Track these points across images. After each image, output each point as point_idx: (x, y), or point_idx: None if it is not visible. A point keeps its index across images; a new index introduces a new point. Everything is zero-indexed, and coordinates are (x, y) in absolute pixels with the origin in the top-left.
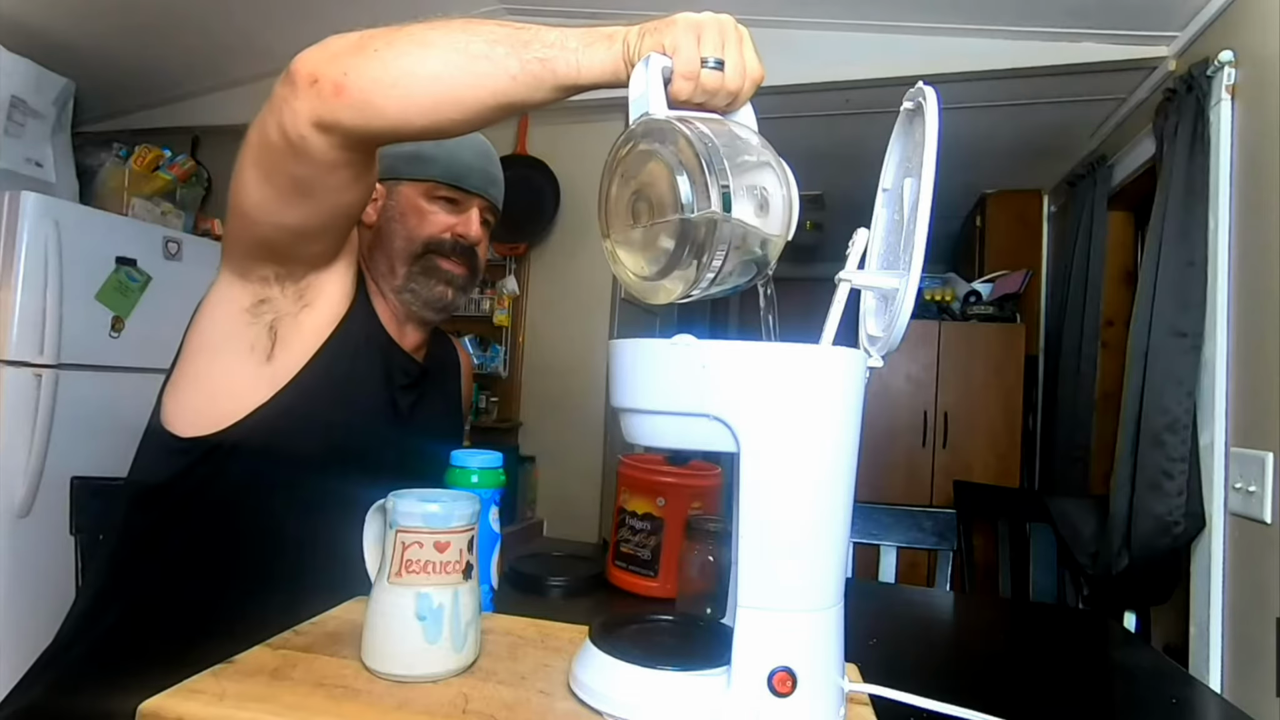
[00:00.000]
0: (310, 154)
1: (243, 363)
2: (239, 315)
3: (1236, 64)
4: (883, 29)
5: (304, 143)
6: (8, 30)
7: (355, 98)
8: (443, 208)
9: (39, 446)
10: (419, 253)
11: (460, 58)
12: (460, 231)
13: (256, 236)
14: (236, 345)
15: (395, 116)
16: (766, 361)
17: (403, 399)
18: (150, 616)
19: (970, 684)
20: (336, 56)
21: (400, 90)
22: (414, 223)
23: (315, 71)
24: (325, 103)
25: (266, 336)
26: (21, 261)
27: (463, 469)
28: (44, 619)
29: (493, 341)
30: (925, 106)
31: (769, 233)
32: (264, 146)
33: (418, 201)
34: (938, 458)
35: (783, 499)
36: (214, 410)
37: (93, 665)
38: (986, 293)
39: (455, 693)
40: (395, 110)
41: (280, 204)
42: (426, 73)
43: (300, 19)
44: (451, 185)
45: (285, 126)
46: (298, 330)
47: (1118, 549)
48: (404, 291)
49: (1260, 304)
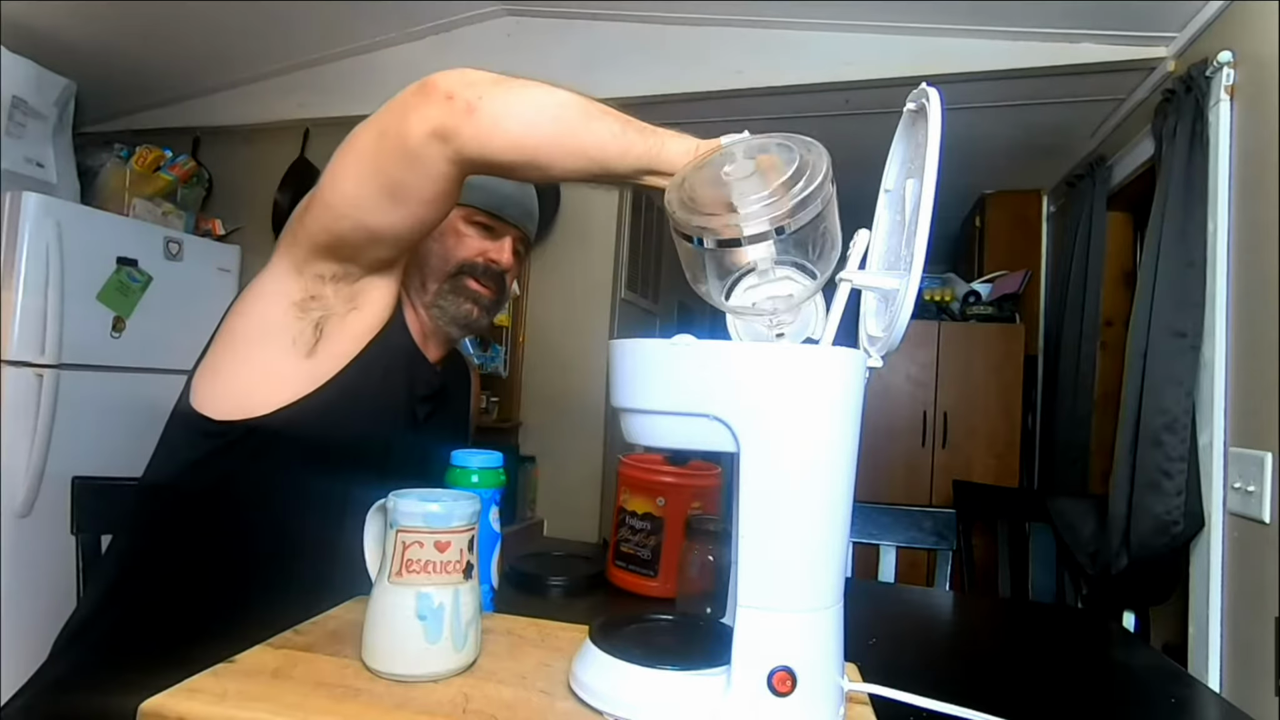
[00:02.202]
0: (422, 161)
1: (284, 355)
2: (288, 309)
3: (1235, 65)
4: (883, 29)
5: (422, 149)
6: (9, 31)
7: (483, 118)
8: (479, 233)
9: (40, 447)
10: (452, 272)
11: (576, 111)
12: (493, 257)
13: (334, 232)
14: (280, 337)
15: (511, 144)
16: (766, 361)
17: (420, 409)
18: (154, 615)
19: (970, 684)
20: (474, 84)
21: (523, 121)
22: (451, 243)
23: (453, 89)
24: (454, 116)
25: (311, 333)
26: (23, 262)
27: (463, 469)
28: (45, 619)
29: (493, 341)
30: (929, 108)
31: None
32: (378, 146)
33: (456, 224)
34: (937, 458)
35: (783, 499)
36: (250, 397)
37: (94, 664)
38: (986, 293)
39: (455, 692)
40: (513, 138)
41: (373, 203)
42: (550, 114)
43: (300, 19)
44: (490, 214)
45: (409, 130)
46: (343, 331)
47: (1117, 549)
48: (434, 307)
49: (1259, 304)
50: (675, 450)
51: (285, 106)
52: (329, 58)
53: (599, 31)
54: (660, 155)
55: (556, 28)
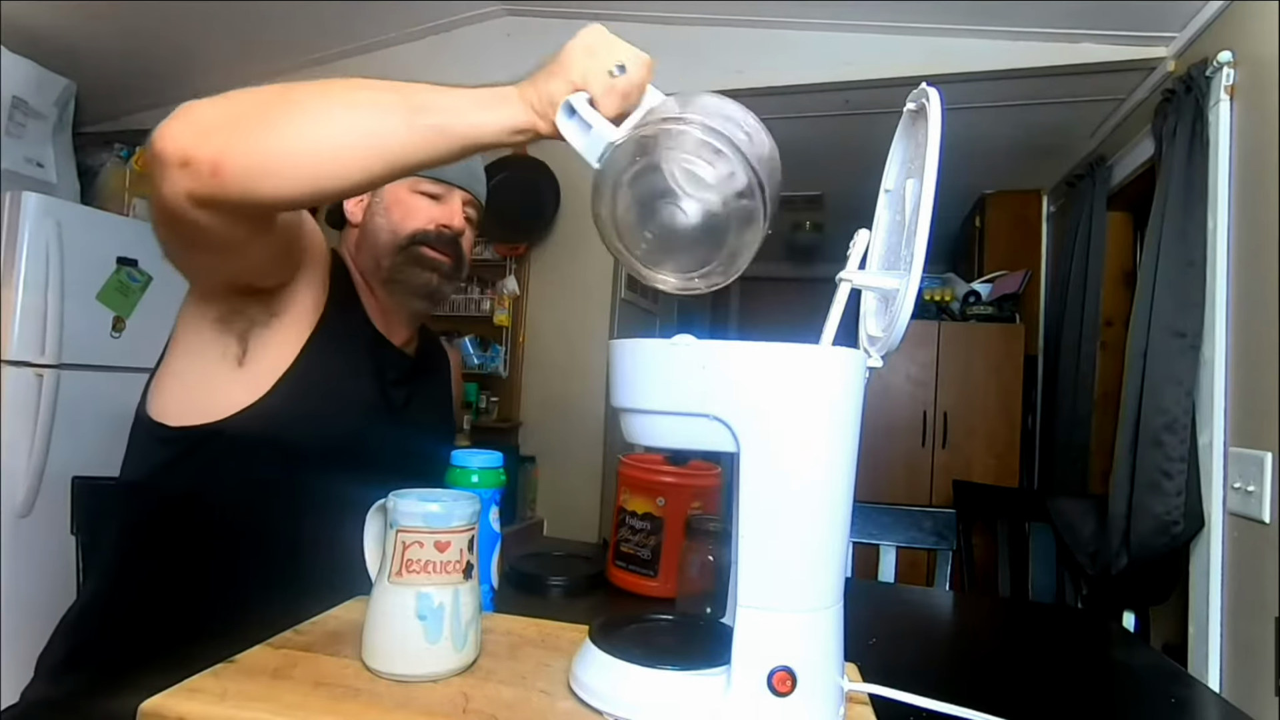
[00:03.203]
0: (200, 226)
1: (217, 367)
2: (211, 324)
3: (1235, 64)
4: (883, 29)
5: (189, 217)
6: (9, 31)
7: (234, 177)
8: (426, 201)
9: (40, 446)
10: (404, 244)
11: (340, 128)
12: (444, 223)
13: (198, 283)
14: (208, 352)
15: (276, 191)
16: (766, 361)
17: (395, 394)
18: (150, 616)
19: (970, 684)
20: (207, 134)
21: (278, 166)
22: (398, 216)
23: (186, 152)
24: (202, 183)
25: (237, 344)
26: (23, 261)
27: (463, 469)
28: (44, 619)
29: (493, 341)
30: (929, 108)
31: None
32: (158, 214)
33: (401, 195)
34: (937, 457)
35: (783, 499)
36: (195, 406)
37: (93, 664)
38: (986, 293)
39: (455, 692)
40: (275, 186)
41: (201, 260)
42: (305, 147)
43: (300, 19)
44: (433, 179)
45: (167, 203)
46: (270, 337)
47: (1117, 549)
48: (391, 283)
49: (1259, 304)
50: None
51: None
52: (329, 58)
53: None
54: (478, 134)
55: (556, 28)
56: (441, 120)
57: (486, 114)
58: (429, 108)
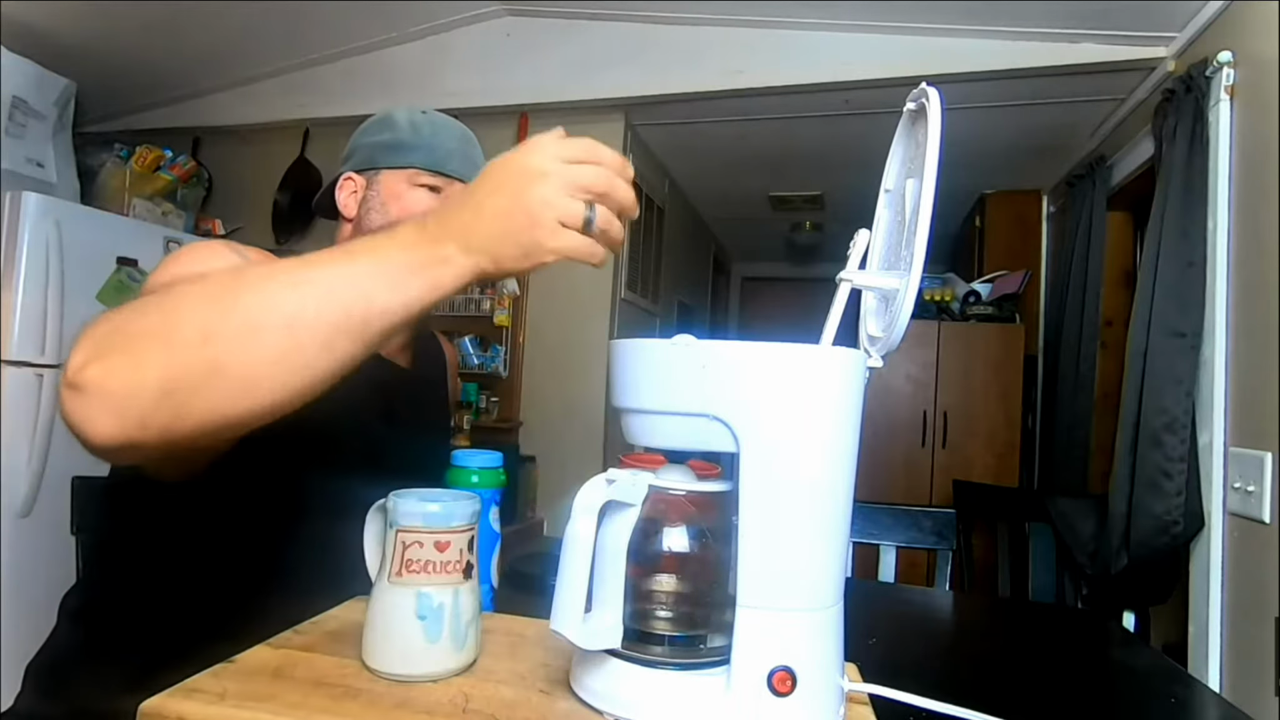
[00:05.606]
0: (130, 458)
1: None
2: None
3: (1235, 65)
4: (883, 29)
5: (114, 453)
6: (9, 31)
7: (150, 431)
8: (425, 194)
9: (40, 446)
10: None
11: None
12: None
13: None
14: None
15: (198, 429)
16: (766, 361)
17: (392, 402)
18: (149, 616)
19: (970, 684)
20: (112, 372)
21: (190, 408)
22: (395, 209)
23: (70, 371)
24: (122, 430)
25: None
26: (23, 261)
27: (463, 469)
28: (45, 619)
29: (493, 341)
30: (929, 108)
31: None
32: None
33: (398, 188)
34: (937, 457)
35: (783, 499)
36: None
37: (92, 664)
38: (986, 293)
39: (455, 692)
40: (192, 427)
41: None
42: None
43: (300, 19)
44: (434, 171)
45: (87, 439)
46: None
47: (1117, 549)
48: None
49: (1259, 304)
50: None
51: (285, 106)
52: (329, 58)
53: (598, 31)
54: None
55: (556, 28)
56: (360, 317)
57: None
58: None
